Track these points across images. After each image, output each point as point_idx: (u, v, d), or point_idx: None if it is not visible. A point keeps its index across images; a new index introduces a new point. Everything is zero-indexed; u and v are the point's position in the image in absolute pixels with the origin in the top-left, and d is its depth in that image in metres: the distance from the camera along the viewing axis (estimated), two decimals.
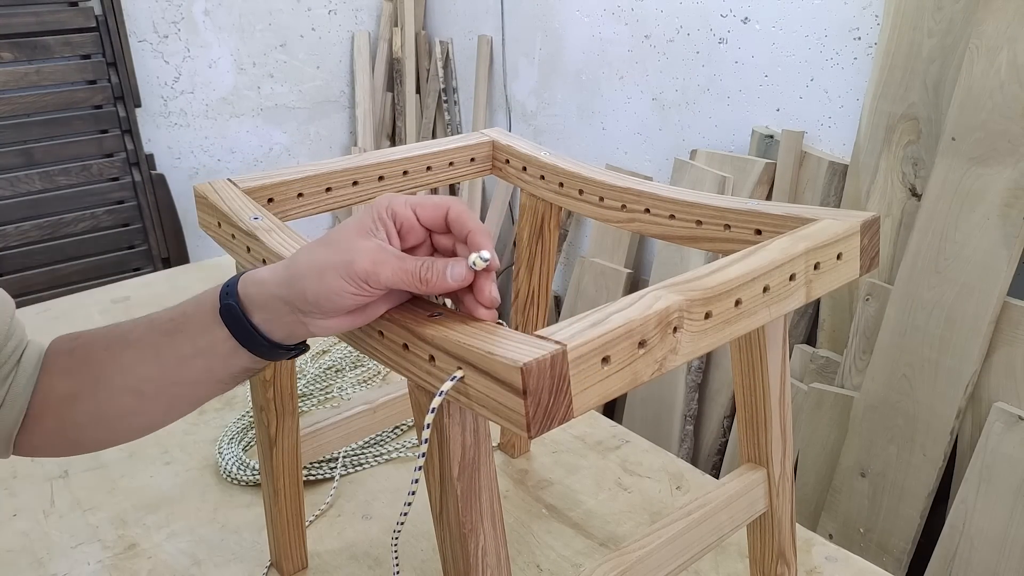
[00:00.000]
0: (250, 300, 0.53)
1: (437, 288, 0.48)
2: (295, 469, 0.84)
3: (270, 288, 0.52)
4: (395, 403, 0.94)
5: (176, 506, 1.01)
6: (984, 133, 1.31)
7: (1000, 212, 1.30)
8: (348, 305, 0.49)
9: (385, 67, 2.81)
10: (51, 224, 2.26)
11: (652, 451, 1.10)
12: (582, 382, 0.44)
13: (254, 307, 0.53)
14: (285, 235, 0.65)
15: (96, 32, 2.23)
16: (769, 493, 0.74)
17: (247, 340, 0.53)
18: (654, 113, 2.06)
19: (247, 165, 2.71)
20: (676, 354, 0.49)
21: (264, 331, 0.53)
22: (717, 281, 0.51)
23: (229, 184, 0.74)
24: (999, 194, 1.30)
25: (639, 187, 0.77)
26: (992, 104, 1.29)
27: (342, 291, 0.48)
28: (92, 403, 0.57)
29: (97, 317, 1.45)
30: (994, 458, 1.33)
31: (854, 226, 0.61)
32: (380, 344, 0.52)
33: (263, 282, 0.53)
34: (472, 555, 0.53)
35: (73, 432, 0.58)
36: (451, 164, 0.90)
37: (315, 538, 0.95)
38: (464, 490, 0.52)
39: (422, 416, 0.50)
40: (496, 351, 0.43)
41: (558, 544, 0.93)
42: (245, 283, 0.53)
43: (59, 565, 0.91)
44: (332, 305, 0.49)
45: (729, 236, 0.69)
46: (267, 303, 0.52)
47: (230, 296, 0.53)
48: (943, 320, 1.39)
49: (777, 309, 0.56)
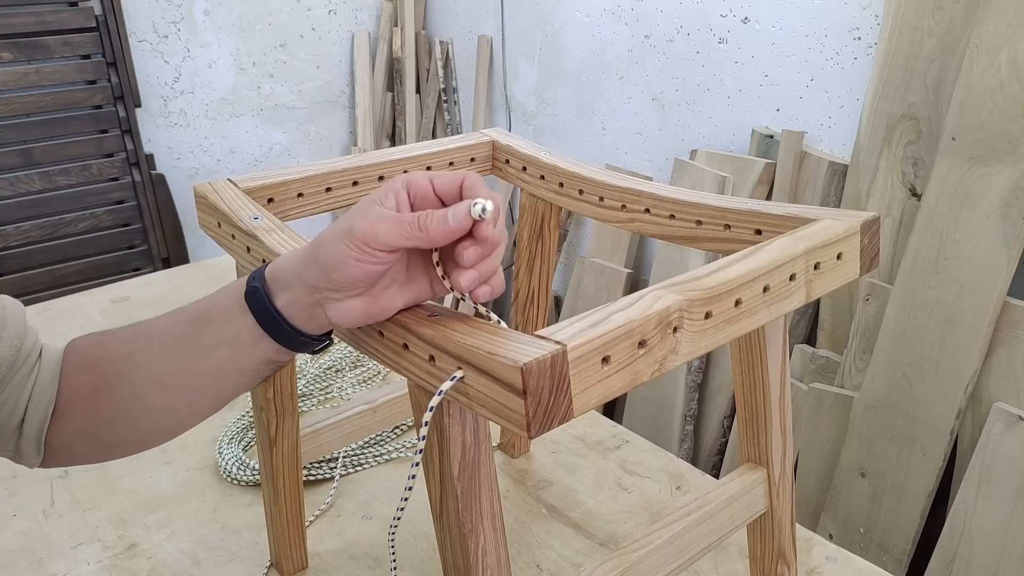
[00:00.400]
0: (275, 280, 0.53)
1: (438, 233, 0.48)
2: (295, 469, 0.84)
3: (293, 264, 0.53)
4: (395, 403, 0.94)
5: (176, 506, 1.01)
6: (984, 133, 1.31)
7: (1000, 212, 1.30)
8: (354, 274, 0.48)
9: (385, 67, 2.81)
10: (51, 224, 2.26)
11: (652, 451, 1.10)
12: (582, 382, 0.44)
13: (279, 288, 0.53)
14: (285, 235, 0.65)
15: (96, 32, 2.23)
16: (769, 493, 0.74)
17: (270, 325, 0.53)
18: (654, 113, 2.06)
19: (247, 165, 2.71)
20: (676, 354, 0.49)
21: (286, 315, 0.53)
22: (717, 281, 0.51)
23: (229, 184, 0.74)
24: (999, 194, 1.30)
25: (639, 187, 0.77)
26: (992, 104, 1.29)
27: (345, 256, 0.48)
28: (117, 396, 0.57)
29: (97, 317, 1.45)
30: (994, 458, 1.33)
31: (854, 226, 0.61)
32: (380, 344, 0.53)
33: (288, 259, 0.53)
34: (472, 555, 0.53)
35: (101, 430, 0.58)
36: (451, 164, 0.90)
37: (315, 538, 0.95)
38: (464, 490, 0.52)
39: (422, 416, 0.50)
40: (496, 351, 0.43)
41: (558, 544, 0.93)
42: (273, 263, 0.54)
43: (59, 565, 0.91)
44: (340, 276, 0.49)
45: (729, 236, 0.69)
46: (290, 282, 0.52)
47: (256, 279, 0.54)
48: (943, 320, 1.39)
49: (777, 309, 0.56)
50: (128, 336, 0.58)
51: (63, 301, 1.53)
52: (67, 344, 0.61)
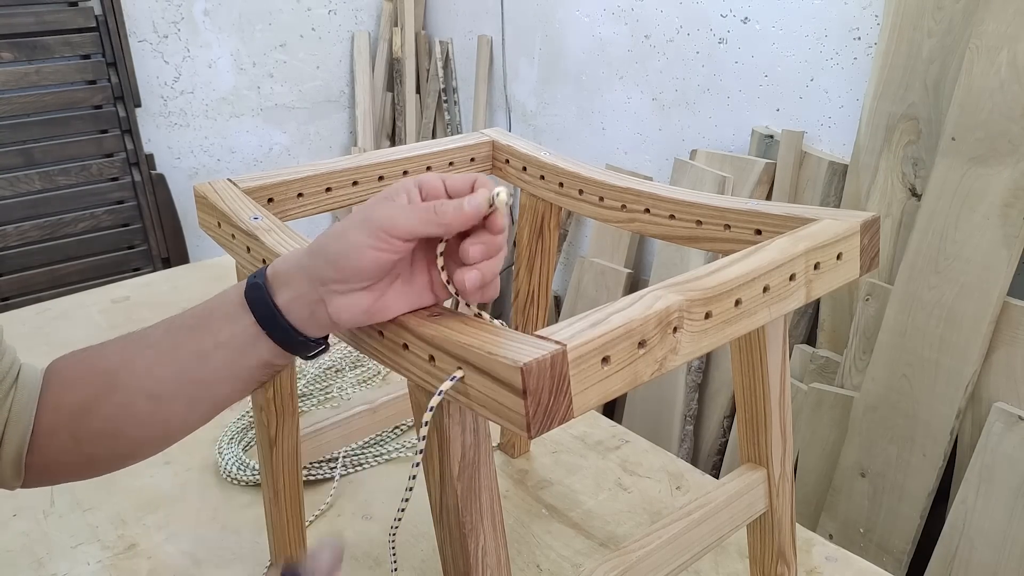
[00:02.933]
0: (276, 277, 0.54)
1: (454, 219, 0.48)
2: (295, 469, 0.84)
3: (295, 260, 0.53)
4: (395, 403, 0.94)
5: (176, 506, 1.01)
6: (984, 133, 1.31)
7: (1000, 212, 1.30)
8: (367, 263, 0.49)
9: (385, 67, 2.81)
10: (51, 224, 2.26)
11: (652, 451, 1.10)
12: (582, 382, 0.44)
13: (279, 285, 0.53)
14: (285, 235, 0.65)
15: (96, 32, 2.23)
16: (769, 493, 0.74)
17: (270, 322, 0.53)
18: (654, 113, 2.05)
19: (247, 165, 2.71)
20: (676, 354, 0.49)
21: (286, 312, 0.53)
22: (717, 281, 0.51)
23: (229, 184, 0.74)
24: (999, 194, 1.30)
25: (639, 187, 0.77)
26: (992, 104, 1.29)
27: (361, 244, 0.48)
28: (106, 409, 0.56)
29: (97, 317, 1.45)
30: (994, 458, 1.33)
31: (854, 226, 0.61)
32: (380, 344, 0.52)
33: (290, 257, 0.54)
34: (472, 555, 0.53)
35: (89, 446, 0.57)
36: (451, 164, 0.90)
37: (315, 538, 0.95)
38: (464, 490, 0.52)
39: (422, 416, 0.50)
40: (496, 351, 0.43)
41: (558, 544, 0.93)
42: (274, 263, 0.55)
43: (59, 565, 0.91)
44: (351, 265, 0.49)
45: (729, 236, 0.69)
46: (292, 279, 0.53)
47: (258, 276, 0.54)
48: (943, 320, 1.39)
49: (777, 309, 0.56)
50: (118, 347, 0.57)
51: (63, 301, 1.53)
52: (48, 364, 0.59)
